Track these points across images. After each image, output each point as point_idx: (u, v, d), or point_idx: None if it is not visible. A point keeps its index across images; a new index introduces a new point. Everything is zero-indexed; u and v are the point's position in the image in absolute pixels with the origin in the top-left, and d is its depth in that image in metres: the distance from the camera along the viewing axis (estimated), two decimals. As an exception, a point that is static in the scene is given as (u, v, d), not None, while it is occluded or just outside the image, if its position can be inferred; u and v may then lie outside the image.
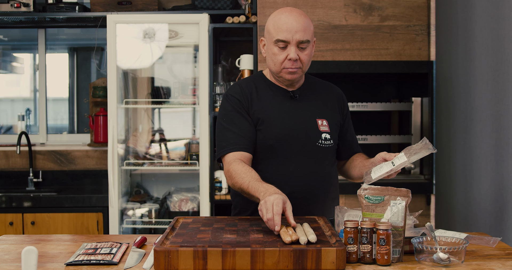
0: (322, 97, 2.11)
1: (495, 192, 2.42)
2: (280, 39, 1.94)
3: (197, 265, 1.49)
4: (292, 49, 1.94)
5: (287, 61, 1.96)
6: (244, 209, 2.07)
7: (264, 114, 2.01)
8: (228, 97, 2.05)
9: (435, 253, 1.57)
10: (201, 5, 3.66)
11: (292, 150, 2.00)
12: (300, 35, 1.94)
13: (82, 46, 4.40)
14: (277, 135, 1.99)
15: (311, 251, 1.49)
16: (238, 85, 2.07)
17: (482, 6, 2.59)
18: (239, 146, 1.96)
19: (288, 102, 2.05)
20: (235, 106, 2.02)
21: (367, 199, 1.65)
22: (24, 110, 4.32)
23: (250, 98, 2.03)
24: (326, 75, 3.55)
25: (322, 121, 2.05)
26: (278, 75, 2.02)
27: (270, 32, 1.98)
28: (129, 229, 3.72)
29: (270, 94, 2.05)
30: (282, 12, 1.98)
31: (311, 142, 2.02)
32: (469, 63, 2.77)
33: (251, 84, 2.07)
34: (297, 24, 1.94)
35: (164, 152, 3.83)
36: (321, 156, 2.03)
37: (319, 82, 2.17)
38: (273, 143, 1.99)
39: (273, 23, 1.97)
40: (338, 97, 2.15)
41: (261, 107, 2.02)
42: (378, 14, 3.44)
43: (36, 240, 1.91)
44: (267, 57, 2.03)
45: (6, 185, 3.99)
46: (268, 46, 2.01)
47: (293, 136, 2.00)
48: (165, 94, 3.81)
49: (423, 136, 3.51)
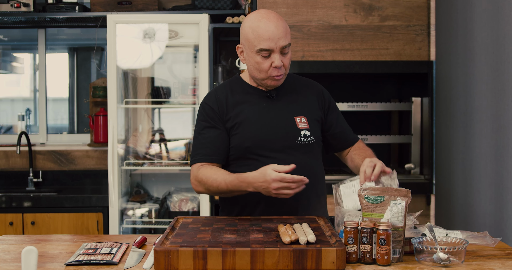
0: (300, 94, 2.10)
1: (495, 192, 2.42)
2: (263, 49, 1.91)
3: (197, 265, 1.49)
4: (277, 56, 1.92)
5: (273, 69, 1.94)
6: (230, 210, 2.08)
7: (240, 118, 2.01)
8: (203, 105, 2.07)
9: (435, 253, 1.57)
10: (201, 5, 3.66)
11: (271, 149, 2.00)
12: (282, 41, 1.92)
13: (82, 46, 4.40)
14: (255, 136, 1.99)
15: (311, 251, 1.49)
16: (214, 93, 2.08)
17: (482, 6, 2.59)
18: (204, 157, 2.00)
19: (265, 102, 2.04)
20: (207, 115, 2.03)
21: (367, 199, 1.65)
22: (24, 110, 4.32)
23: (225, 105, 2.03)
24: (326, 75, 3.55)
25: (300, 118, 2.04)
26: (263, 82, 2.00)
27: (250, 40, 1.93)
28: (129, 229, 3.72)
29: (246, 97, 2.05)
30: (259, 18, 1.93)
31: (290, 140, 2.01)
32: (469, 63, 2.77)
33: (227, 89, 2.07)
34: (278, 31, 1.91)
35: (164, 152, 3.83)
36: (303, 153, 2.03)
37: (299, 80, 2.16)
38: (251, 144, 1.99)
39: (251, 31, 1.93)
40: (317, 93, 2.14)
41: (238, 111, 2.02)
42: (378, 14, 3.44)
43: (36, 240, 1.91)
44: (248, 65, 2.00)
45: (6, 185, 3.99)
46: (248, 54, 1.97)
47: (271, 135, 2.00)
48: (165, 94, 3.81)
49: (423, 136, 3.51)
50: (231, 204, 2.07)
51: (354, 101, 3.48)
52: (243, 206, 2.04)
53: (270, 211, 1.99)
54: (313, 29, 3.45)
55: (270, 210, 2.00)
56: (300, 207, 2.02)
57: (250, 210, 2.03)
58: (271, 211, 1.99)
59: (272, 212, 1.99)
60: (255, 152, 1.99)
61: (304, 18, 3.45)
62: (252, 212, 2.02)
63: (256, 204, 2.01)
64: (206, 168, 1.97)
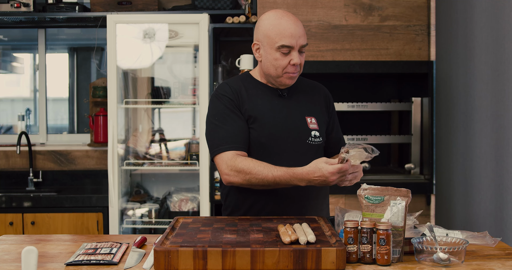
0: (309, 95, 2.12)
1: (495, 192, 2.42)
2: (285, 45, 1.94)
3: (197, 265, 1.49)
4: (295, 54, 1.96)
5: (290, 66, 1.97)
6: (237, 208, 2.08)
7: (255, 112, 2.01)
8: (219, 96, 2.03)
9: (435, 253, 1.57)
10: (201, 5, 3.66)
11: (283, 147, 2.00)
12: (302, 39, 1.96)
13: (82, 46, 4.40)
14: (269, 133, 2.00)
15: (311, 251, 1.49)
16: (227, 84, 2.06)
17: (482, 6, 2.59)
18: (236, 146, 1.94)
19: (277, 100, 2.05)
20: (227, 104, 2.00)
21: (367, 199, 1.65)
22: (24, 110, 4.32)
23: (240, 96, 2.02)
24: (326, 75, 3.55)
25: (311, 119, 2.06)
26: (277, 79, 2.02)
27: (271, 37, 1.96)
28: (129, 229, 3.72)
29: (259, 93, 2.05)
30: (280, 16, 1.97)
31: (301, 140, 2.02)
32: (469, 63, 2.77)
33: (240, 83, 2.07)
34: (299, 29, 1.96)
35: (164, 152, 3.83)
36: (311, 153, 2.04)
37: (305, 81, 2.18)
38: (265, 141, 2.00)
39: (272, 28, 1.96)
40: (324, 96, 2.16)
41: (252, 105, 2.02)
42: (378, 14, 3.44)
43: (36, 240, 1.91)
44: (265, 62, 2.01)
45: (6, 185, 3.99)
46: (267, 51, 1.99)
47: (284, 133, 2.01)
48: (165, 94, 3.81)
49: (423, 136, 3.51)
50: (242, 201, 2.04)
51: (354, 101, 3.48)
52: (251, 206, 2.03)
53: (277, 211, 2.00)
54: (313, 29, 3.45)
55: (277, 210, 2.00)
56: (308, 208, 2.03)
57: (258, 209, 2.02)
58: (278, 211, 2.00)
59: (279, 212, 1.99)
60: (268, 149, 2.00)
61: (304, 18, 3.45)
62: (259, 212, 2.02)
63: (264, 204, 2.01)
64: (246, 159, 1.90)
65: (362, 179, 1.99)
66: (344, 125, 2.11)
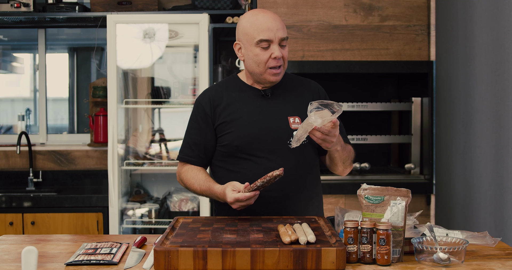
0: (296, 93, 2.09)
1: (495, 192, 2.42)
2: (263, 39, 1.95)
3: (197, 265, 1.49)
4: (276, 47, 1.96)
5: (272, 60, 1.97)
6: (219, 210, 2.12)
7: (233, 117, 2.02)
8: (196, 103, 2.12)
9: (435, 253, 1.57)
10: (201, 5, 3.66)
11: (262, 149, 1.99)
12: (281, 32, 1.96)
13: (82, 46, 4.40)
14: (245, 135, 2.00)
15: (311, 251, 1.49)
16: (209, 91, 2.11)
17: (482, 6, 2.59)
18: (187, 158, 2.10)
19: (259, 101, 2.05)
20: (198, 115, 2.09)
21: (367, 199, 1.65)
22: (24, 110, 4.32)
23: (218, 104, 2.05)
24: (326, 75, 3.55)
25: (294, 119, 2.03)
26: (261, 77, 2.01)
27: (249, 33, 1.97)
28: (129, 229, 3.72)
29: (241, 95, 2.06)
30: (256, 13, 1.99)
31: (281, 141, 2.00)
32: (469, 63, 2.77)
33: (222, 88, 2.10)
34: (276, 22, 1.96)
35: (164, 152, 3.83)
36: (294, 154, 2.01)
37: (296, 79, 2.16)
38: (241, 143, 1.99)
39: (249, 25, 1.97)
40: (314, 92, 2.13)
41: (231, 110, 2.03)
42: (378, 14, 3.44)
43: (36, 240, 1.91)
44: (247, 60, 2.02)
45: (6, 185, 3.99)
46: (247, 48, 2.00)
47: (263, 135, 2.00)
48: (165, 94, 3.81)
49: (423, 136, 3.51)
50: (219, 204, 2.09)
51: (354, 101, 3.48)
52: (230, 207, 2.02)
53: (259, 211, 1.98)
54: (313, 29, 3.45)
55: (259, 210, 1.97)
56: (289, 210, 2.00)
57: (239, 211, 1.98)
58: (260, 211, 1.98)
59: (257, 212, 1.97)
60: (246, 151, 2.00)
61: (304, 18, 3.45)
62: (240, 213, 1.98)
63: None
64: (188, 170, 2.08)
65: (362, 179, 1.98)
66: (344, 125, 2.10)
